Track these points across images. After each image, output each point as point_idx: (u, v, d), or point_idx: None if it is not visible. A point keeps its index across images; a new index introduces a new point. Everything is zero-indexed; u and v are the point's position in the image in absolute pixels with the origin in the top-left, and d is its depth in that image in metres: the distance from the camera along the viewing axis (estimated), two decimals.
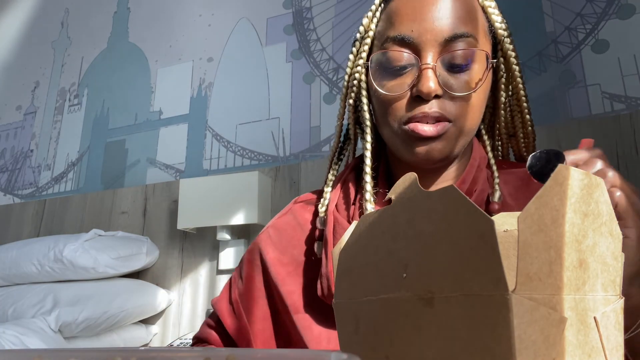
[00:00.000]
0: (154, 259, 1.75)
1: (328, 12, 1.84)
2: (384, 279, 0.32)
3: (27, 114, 2.46)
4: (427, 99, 0.54)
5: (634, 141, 1.23)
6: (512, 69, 0.62)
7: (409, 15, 0.56)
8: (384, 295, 0.32)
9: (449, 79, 0.55)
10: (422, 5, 0.55)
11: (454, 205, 0.28)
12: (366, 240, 0.34)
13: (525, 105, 0.66)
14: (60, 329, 1.38)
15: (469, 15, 0.56)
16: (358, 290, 0.34)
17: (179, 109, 2.03)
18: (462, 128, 0.56)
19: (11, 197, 2.33)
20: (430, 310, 0.29)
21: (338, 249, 0.37)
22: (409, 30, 0.55)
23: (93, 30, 2.40)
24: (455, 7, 0.55)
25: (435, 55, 0.54)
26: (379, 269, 0.33)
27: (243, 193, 1.55)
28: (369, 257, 0.34)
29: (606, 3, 1.41)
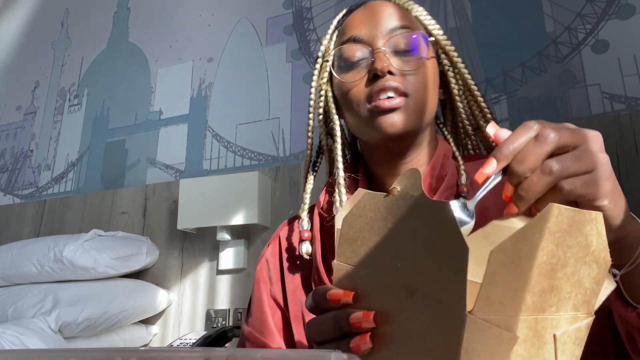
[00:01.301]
0: (154, 259, 1.75)
1: (328, 12, 1.84)
2: (383, 261, 0.36)
3: (27, 114, 2.46)
4: (382, 74, 0.62)
5: (634, 141, 1.23)
6: (454, 61, 0.70)
7: (358, 22, 0.67)
8: (379, 274, 0.36)
9: (399, 61, 0.64)
10: (368, 13, 0.68)
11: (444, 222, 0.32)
12: (371, 219, 0.38)
13: (478, 94, 0.71)
14: (60, 329, 1.38)
15: (406, 17, 0.67)
16: (360, 261, 0.38)
17: (179, 109, 2.03)
18: (417, 101, 0.63)
19: (11, 197, 2.33)
20: (411, 300, 0.34)
21: (341, 215, 0.40)
22: (360, 32, 0.66)
23: (93, 30, 2.40)
24: (395, 12, 0.67)
25: (384, 41, 0.64)
26: (381, 250, 0.37)
27: (243, 193, 1.55)
28: (372, 236, 0.37)
29: (606, 3, 1.41)
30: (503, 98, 1.47)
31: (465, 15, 1.60)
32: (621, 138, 1.24)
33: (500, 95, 1.47)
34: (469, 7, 1.60)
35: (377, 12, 0.67)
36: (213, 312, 1.61)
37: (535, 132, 0.40)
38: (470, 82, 0.71)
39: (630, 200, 0.50)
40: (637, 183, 1.20)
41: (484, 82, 1.51)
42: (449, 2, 1.64)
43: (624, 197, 0.45)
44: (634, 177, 1.21)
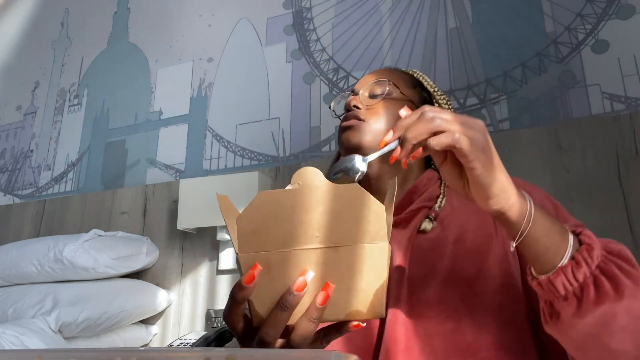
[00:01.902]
0: (154, 259, 1.75)
1: (328, 13, 1.84)
2: (298, 237, 0.47)
3: (27, 114, 2.46)
4: (349, 108, 0.83)
5: (634, 141, 1.23)
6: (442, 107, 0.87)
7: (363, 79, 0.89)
8: (297, 247, 0.47)
9: (369, 101, 0.84)
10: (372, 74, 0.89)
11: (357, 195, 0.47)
12: (273, 211, 0.47)
13: None
14: (60, 329, 1.38)
15: (393, 75, 0.87)
16: (268, 245, 0.47)
17: (179, 109, 2.03)
18: (369, 124, 0.80)
19: (11, 197, 2.33)
20: (337, 255, 0.47)
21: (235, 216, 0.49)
22: (354, 88, 0.88)
23: (93, 30, 2.40)
24: (388, 73, 0.87)
25: (363, 89, 0.85)
26: (292, 231, 0.47)
27: (243, 193, 1.55)
28: (279, 223, 0.47)
29: (606, 3, 1.41)
30: (503, 98, 1.47)
31: (465, 15, 1.60)
32: (621, 138, 1.24)
33: (500, 95, 1.47)
34: (469, 7, 1.60)
35: (373, 73, 0.88)
36: (213, 312, 1.61)
37: (421, 112, 0.52)
38: None
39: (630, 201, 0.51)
40: (637, 183, 1.20)
41: (484, 82, 1.51)
42: (449, 2, 1.64)
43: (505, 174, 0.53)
44: (634, 177, 1.21)
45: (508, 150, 1.35)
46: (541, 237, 0.53)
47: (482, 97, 1.50)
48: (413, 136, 0.50)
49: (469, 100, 1.51)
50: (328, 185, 0.47)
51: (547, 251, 0.54)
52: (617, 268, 0.53)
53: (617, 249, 0.56)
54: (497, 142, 1.37)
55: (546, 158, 1.31)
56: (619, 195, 1.21)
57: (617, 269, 0.53)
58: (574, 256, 0.53)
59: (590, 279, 0.52)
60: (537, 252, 0.54)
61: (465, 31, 1.59)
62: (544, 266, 0.54)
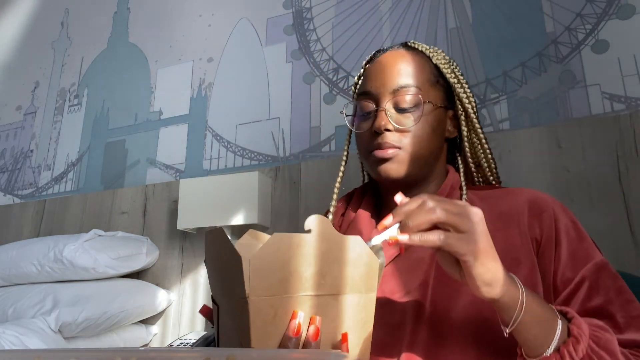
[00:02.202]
0: (154, 259, 1.75)
1: (328, 13, 1.84)
2: (305, 283, 0.49)
3: (27, 114, 2.46)
4: (379, 132, 0.75)
5: (634, 141, 1.23)
6: (465, 107, 0.81)
7: (372, 76, 0.80)
8: (303, 293, 0.49)
9: (398, 117, 0.76)
10: (380, 69, 0.80)
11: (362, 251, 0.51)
12: (287, 255, 0.48)
13: (483, 137, 0.82)
14: (60, 329, 1.38)
15: (414, 71, 0.78)
16: (277, 289, 0.48)
17: (179, 109, 2.03)
18: (410, 153, 0.75)
19: (11, 197, 2.33)
20: (336, 302, 0.50)
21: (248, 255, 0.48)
22: (370, 87, 0.79)
23: (93, 31, 2.40)
24: (402, 67, 0.78)
25: (386, 100, 0.77)
26: (302, 277, 0.49)
27: (243, 193, 1.55)
28: (290, 267, 0.48)
29: (606, 3, 1.41)
30: (503, 98, 1.47)
31: (465, 15, 1.60)
32: (621, 138, 1.24)
33: (500, 95, 1.47)
34: (469, 7, 1.60)
35: (388, 68, 0.79)
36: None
37: (422, 201, 0.54)
38: (477, 126, 0.81)
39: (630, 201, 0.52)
40: (637, 183, 1.20)
41: (484, 82, 1.51)
42: (449, 2, 1.64)
43: (498, 263, 0.55)
44: (634, 177, 1.21)
45: (508, 150, 1.35)
46: (532, 325, 0.55)
47: (482, 97, 1.50)
48: (414, 225, 0.53)
49: None
50: (338, 236, 0.51)
51: (536, 339, 0.56)
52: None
53: (605, 339, 0.57)
54: (497, 142, 1.37)
55: (546, 158, 1.31)
56: (619, 195, 1.21)
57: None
58: (560, 349, 0.55)
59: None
60: (526, 338, 0.56)
61: (465, 31, 1.59)
62: (531, 352, 0.56)
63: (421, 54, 0.81)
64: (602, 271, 0.67)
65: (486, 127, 1.46)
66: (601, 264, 0.67)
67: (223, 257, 0.52)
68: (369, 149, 0.77)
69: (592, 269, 0.66)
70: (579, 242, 0.70)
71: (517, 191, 0.76)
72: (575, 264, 0.67)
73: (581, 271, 0.66)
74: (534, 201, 0.73)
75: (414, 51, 0.81)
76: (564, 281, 0.66)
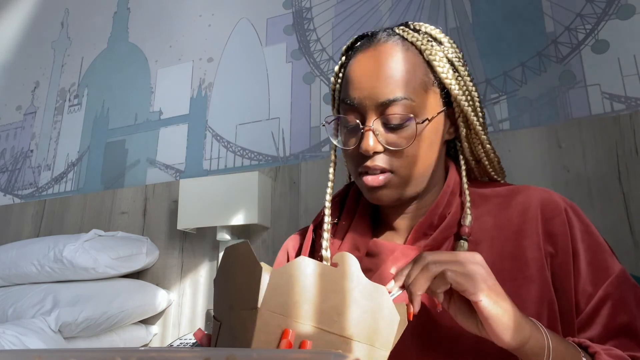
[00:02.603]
0: (154, 259, 1.75)
1: (328, 12, 1.84)
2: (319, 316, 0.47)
3: (27, 114, 2.46)
4: (368, 155, 0.65)
5: (634, 141, 1.23)
6: (464, 110, 0.70)
7: (354, 84, 0.67)
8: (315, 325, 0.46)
9: (388, 136, 0.65)
10: (362, 74, 0.67)
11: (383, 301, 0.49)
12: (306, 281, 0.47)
13: (485, 138, 0.74)
14: (60, 329, 1.38)
15: (404, 77, 0.65)
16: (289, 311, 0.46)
17: (179, 109, 2.03)
18: (404, 176, 0.66)
19: (11, 197, 2.33)
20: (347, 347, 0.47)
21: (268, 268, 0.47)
22: (352, 97, 0.67)
23: (93, 31, 2.40)
24: (391, 73, 0.65)
25: (374, 117, 0.65)
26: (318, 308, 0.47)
27: (243, 193, 1.55)
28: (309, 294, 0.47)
29: (606, 3, 1.41)
30: (503, 98, 1.47)
31: (465, 15, 1.60)
32: (621, 138, 1.24)
33: (500, 95, 1.47)
34: (469, 7, 1.60)
35: (374, 73, 0.66)
36: (213, 312, 1.61)
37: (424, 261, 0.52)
38: (479, 128, 0.72)
39: (630, 201, 0.51)
40: (637, 183, 1.20)
41: (484, 82, 1.51)
42: (449, 2, 1.64)
43: (512, 305, 0.52)
44: (634, 177, 1.21)
45: (508, 150, 1.35)
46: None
47: (482, 97, 1.50)
48: (417, 289, 0.51)
49: None
50: (363, 279, 0.49)
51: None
52: None
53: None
54: (497, 142, 1.37)
55: (546, 158, 1.31)
56: (619, 195, 1.21)
57: None
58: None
59: None
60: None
61: (465, 31, 1.59)
62: None
63: (413, 48, 0.68)
64: (624, 284, 0.63)
65: None
66: (622, 276, 0.63)
67: (240, 270, 0.50)
68: (358, 171, 0.68)
69: (615, 284, 0.62)
70: (597, 251, 0.65)
71: (525, 192, 0.70)
72: (595, 276, 0.63)
73: (603, 286, 0.62)
74: (545, 205, 0.68)
75: (405, 44, 0.68)
76: (586, 296, 0.62)
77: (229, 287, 0.52)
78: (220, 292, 0.55)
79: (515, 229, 0.67)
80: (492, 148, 0.75)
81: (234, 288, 0.51)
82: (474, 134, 0.73)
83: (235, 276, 0.50)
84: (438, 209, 0.70)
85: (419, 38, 0.68)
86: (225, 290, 0.53)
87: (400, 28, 0.70)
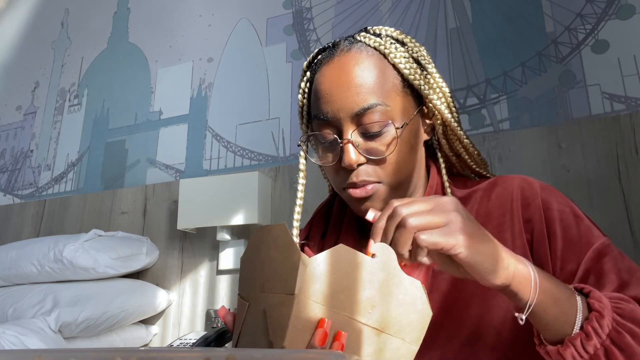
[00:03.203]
0: (154, 259, 1.75)
1: (328, 13, 1.84)
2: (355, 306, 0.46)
3: (27, 114, 2.46)
4: (351, 169, 0.64)
5: (634, 141, 1.23)
6: (436, 107, 0.68)
7: (324, 97, 0.65)
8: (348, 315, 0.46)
9: (368, 145, 0.63)
10: (331, 87, 0.64)
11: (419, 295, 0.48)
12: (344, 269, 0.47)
13: (461, 133, 0.72)
14: (60, 329, 1.38)
15: (375, 83, 0.63)
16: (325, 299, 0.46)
17: (178, 109, 2.03)
18: (391, 184, 0.65)
19: (11, 197, 2.33)
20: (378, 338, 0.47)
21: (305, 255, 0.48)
22: (325, 111, 0.64)
23: (93, 31, 2.40)
24: (360, 81, 0.63)
25: (351, 128, 0.63)
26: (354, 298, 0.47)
27: (243, 193, 1.55)
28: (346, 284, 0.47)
29: (606, 3, 1.41)
30: (503, 98, 1.47)
31: (465, 15, 1.60)
32: (621, 138, 1.24)
33: (500, 95, 1.47)
34: (469, 7, 1.60)
35: (343, 85, 0.63)
36: (213, 312, 1.61)
37: (393, 213, 0.51)
38: (454, 125, 0.70)
39: (630, 201, 0.51)
40: (637, 183, 1.20)
41: (484, 82, 1.51)
42: (449, 2, 1.64)
43: (495, 244, 0.51)
44: (634, 177, 1.21)
45: (508, 150, 1.35)
46: (549, 306, 0.52)
47: (482, 97, 1.50)
48: (401, 248, 0.50)
49: (469, 100, 1.51)
50: (398, 271, 0.48)
51: (556, 320, 0.52)
52: (629, 336, 0.51)
53: (629, 310, 0.53)
54: (497, 142, 1.37)
55: (546, 158, 1.31)
56: (619, 195, 1.21)
57: (630, 336, 0.51)
58: (584, 326, 0.51)
59: (601, 351, 0.51)
60: (545, 321, 0.52)
61: (465, 31, 1.59)
62: (554, 336, 0.53)
63: (377, 52, 0.66)
64: (605, 255, 0.61)
65: (486, 127, 1.47)
66: (601, 247, 0.61)
67: (275, 253, 0.49)
68: (342, 186, 0.66)
69: (592, 257, 0.61)
70: (576, 227, 0.63)
71: (503, 182, 0.70)
72: (574, 253, 0.62)
73: (582, 262, 0.61)
74: (523, 193, 0.67)
75: (368, 50, 0.66)
76: (568, 276, 0.61)
77: (260, 268, 0.51)
78: (249, 272, 0.54)
79: (495, 222, 0.67)
80: (471, 142, 0.74)
81: (266, 270, 0.50)
82: (450, 131, 0.72)
83: (269, 258, 0.50)
84: None
85: (381, 42, 0.66)
86: (256, 271, 0.52)
87: (362, 35, 0.68)
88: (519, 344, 0.61)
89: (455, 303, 0.58)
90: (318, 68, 0.69)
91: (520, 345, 0.61)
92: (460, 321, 0.62)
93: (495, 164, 1.34)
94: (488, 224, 0.67)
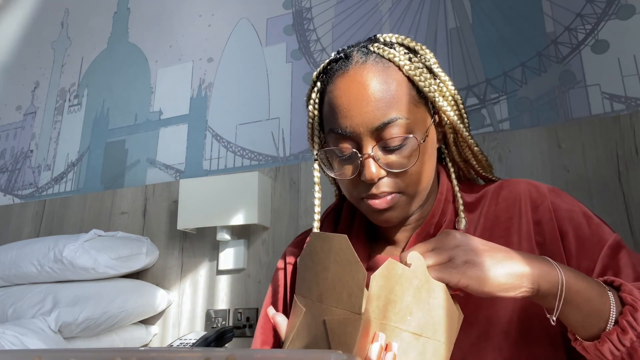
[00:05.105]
0: (153, 259, 1.75)
1: (328, 13, 1.84)
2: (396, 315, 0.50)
3: (27, 114, 2.46)
4: (372, 183, 0.64)
5: (634, 141, 1.23)
6: (449, 117, 0.69)
7: (342, 112, 0.64)
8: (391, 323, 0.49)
9: (389, 159, 0.64)
10: (349, 101, 0.63)
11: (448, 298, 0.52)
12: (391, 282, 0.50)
13: (472, 142, 0.74)
14: (60, 329, 1.38)
15: (393, 96, 0.63)
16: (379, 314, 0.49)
17: (178, 109, 2.03)
18: (411, 194, 0.66)
19: (11, 197, 2.33)
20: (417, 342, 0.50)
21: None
22: (344, 126, 0.64)
23: (93, 31, 2.40)
24: (379, 95, 0.63)
25: (371, 143, 0.63)
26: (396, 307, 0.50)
27: (243, 193, 1.55)
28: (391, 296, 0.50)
29: (606, 3, 1.41)
30: (503, 98, 1.47)
31: (465, 15, 1.60)
32: (621, 138, 1.24)
33: (500, 95, 1.47)
34: (469, 7, 1.60)
35: (362, 99, 0.63)
36: (213, 313, 1.61)
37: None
38: (465, 134, 0.72)
39: (630, 201, 0.52)
40: (637, 183, 1.20)
41: (484, 82, 1.51)
42: (449, 2, 1.64)
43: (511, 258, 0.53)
44: (634, 177, 1.21)
45: (508, 150, 1.35)
46: (581, 304, 0.53)
47: (482, 97, 1.50)
48: None
49: (469, 100, 1.51)
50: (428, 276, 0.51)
51: (589, 317, 0.53)
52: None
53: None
54: (497, 142, 1.37)
55: (546, 158, 1.31)
56: (619, 195, 1.21)
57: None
58: (619, 321, 0.52)
59: (637, 343, 0.52)
60: (579, 319, 0.53)
61: (465, 31, 1.59)
62: (589, 332, 0.54)
63: (392, 65, 0.65)
64: (620, 251, 0.63)
65: (486, 127, 1.47)
66: (614, 243, 0.63)
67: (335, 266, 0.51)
68: (360, 196, 0.66)
69: (608, 253, 0.62)
70: (587, 225, 0.65)
71: (509, 186, 0.72)
72: (588, 251, 0.63)
73: (599, 259, 0.62)
74: (532, 195, 0.69)
75: (383, 62, 0.65)
76: (583, 271, 0.61)
77: (317, 277, 0.53)
78: (306, 277, 0.55)
79: (503, 225, 0.68)
80: (480, 150, 0.76)
81: (325, 281, 0.51)
82: (461, 139, 0.73)
83: (327, 269, 0.51)
84: (434, 219, 0.71)
85: (396, 54, 0.65)
86: (313, 278, 0.53)
87: (375, 45, 0.67)
88: (525, 344, 0.62)
89: (466, 304, 0.59)
90: (331, 80, 0.67)
91: (525, 345, 0.62)
92: (470, 322, 0.62)
93: (495, 164, 1.34)
94: (496, 227, 0.68)
